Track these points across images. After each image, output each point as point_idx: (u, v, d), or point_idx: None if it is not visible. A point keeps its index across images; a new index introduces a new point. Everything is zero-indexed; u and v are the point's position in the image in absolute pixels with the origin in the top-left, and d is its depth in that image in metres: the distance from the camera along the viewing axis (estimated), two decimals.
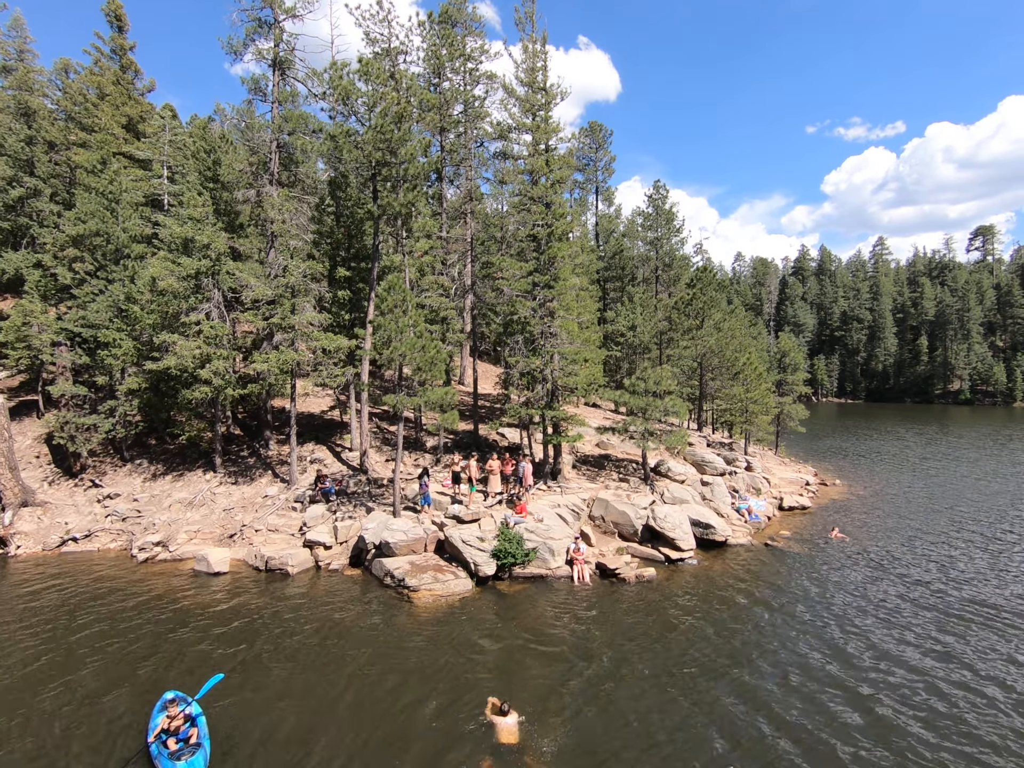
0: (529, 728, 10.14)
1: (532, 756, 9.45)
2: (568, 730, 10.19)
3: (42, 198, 28.16)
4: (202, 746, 9.20)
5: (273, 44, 24.28)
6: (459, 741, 9.85)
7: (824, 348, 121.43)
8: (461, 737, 9.96)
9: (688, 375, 34.58)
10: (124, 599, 15.88)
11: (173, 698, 10.15)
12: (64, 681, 11.73)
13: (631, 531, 19.93)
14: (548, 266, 21.61)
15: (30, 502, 21.37)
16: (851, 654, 12.83)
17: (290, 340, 21.34)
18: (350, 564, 18.37)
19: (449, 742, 9.83)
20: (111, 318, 22.30)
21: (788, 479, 29.81)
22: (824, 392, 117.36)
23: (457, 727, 10.24)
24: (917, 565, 18.45)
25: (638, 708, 10.88)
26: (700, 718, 10.55)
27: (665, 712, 10.72)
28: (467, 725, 10.27)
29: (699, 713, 10.69)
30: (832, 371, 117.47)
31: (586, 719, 10.54)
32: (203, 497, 21.81)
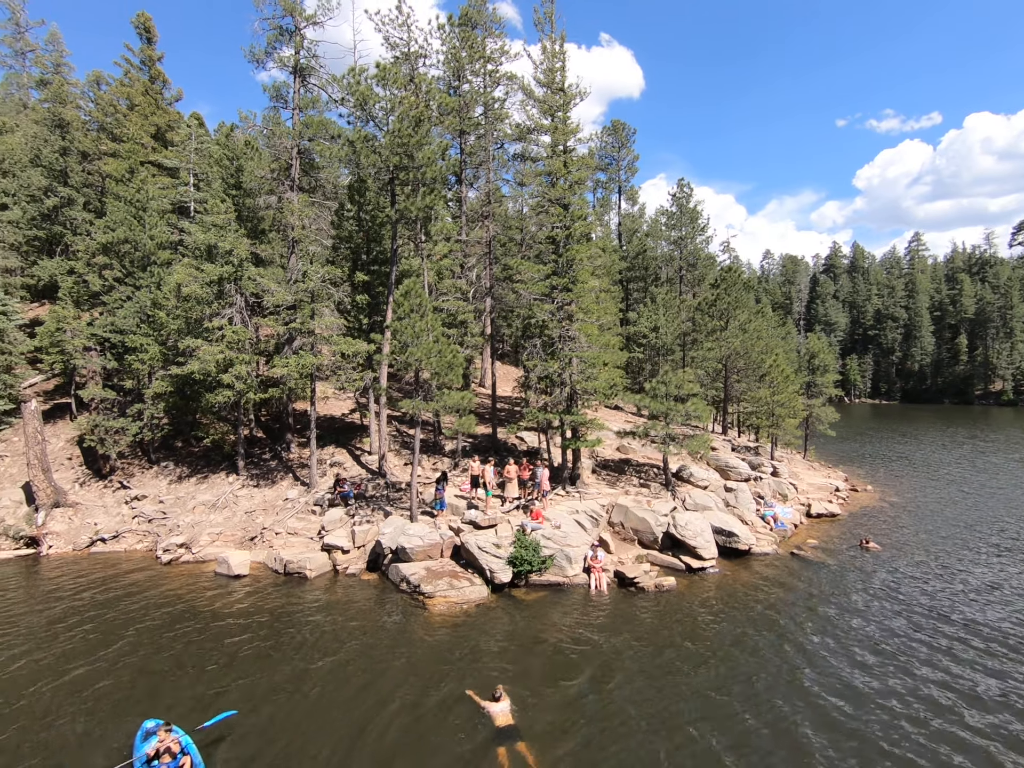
0: (522, 715, 10.68)
1: (527, 736, 10.21)
2: (567, 729, 10.00)
3: (75, 207, 29.01)
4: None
5: (294, 51, 24.56)
6: (462, 729, 10.43)
7: (857, 348, 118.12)
8: (464, 726, 10.51)
9: (712, 377, 33.90)
10: (146, 600, 16.17)
11: (155, 726, 9.68)
12: (73, 676, 11.97)
13: (651, 538, 19.55)
14: (566, 269, 21.36)
15: (62, 503, 21.98)
16: (877, 680, 12.23)
17: (309, 344, 21.51)
18: (367, 568, 18.40)
19: (451, 732, 10.33)
20: (138, 323, 22.82)
21: (817, 485, 28.95)
22: (857, 393, 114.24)
23: (459, 720, 10.65)
24: (953, 582, 17.49)
25: (638, 715, 10.65)
26: (709, 736, 10.20)
27: (672, 728, 10.39)
28: (469, 717, 10.72)
29: (708, 730, 10.35)
30: (865, 371, 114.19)
31: (587, 726, 10.35)
32: (226, 499, 22.14)
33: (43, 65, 39.00)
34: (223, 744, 10.00)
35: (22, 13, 43.12)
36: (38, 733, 10.35)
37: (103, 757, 9.72)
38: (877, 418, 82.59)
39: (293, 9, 24.16)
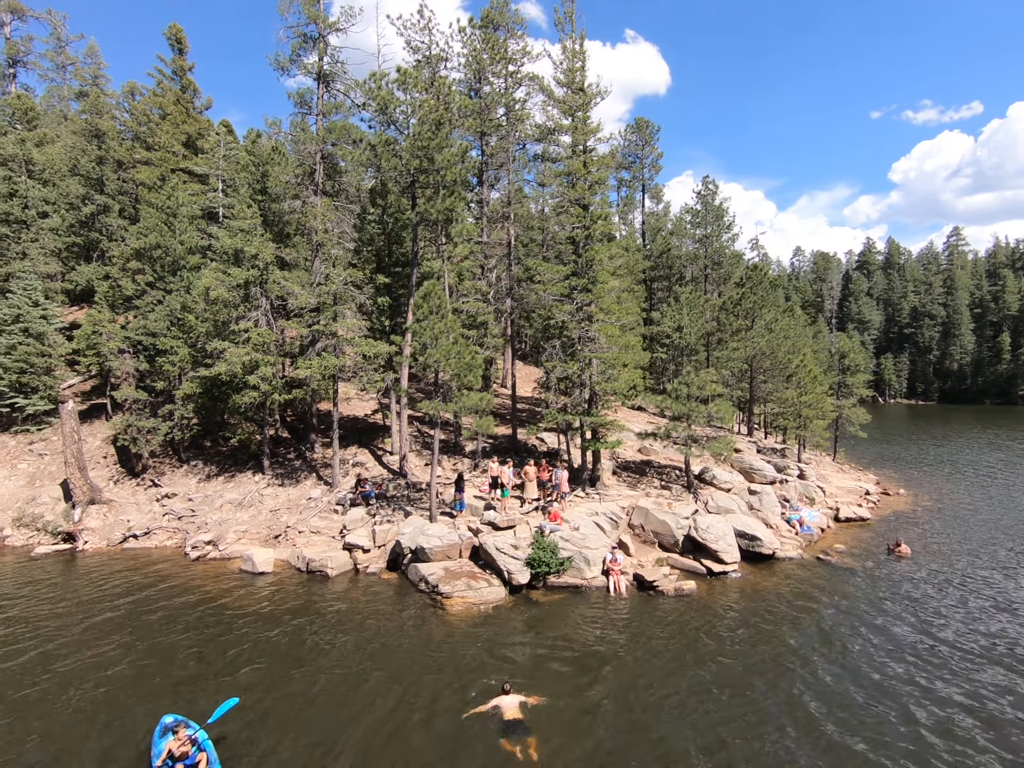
0: (533, 714, 10.87)
1: (536, 730, 10.44)
2: (578, 730, 9.97)
3: (111, 214, 30.04)
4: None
5: (318, 58, 25.00)
6: (475, 722, 10.75)
7: (892, 346, 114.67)
8: (476, 719, 10.82)
9: (738, 378, 33.34)
10: (172, 595, 16.66)
11: (174, 722, 9.84)
12: (96, 661, 12.42)
13: (671, 541, 19.34)
14: (586, 269, 21.26)
15: (97, 500, 22.78)
16: (899, 695, 11.84)
17: (332, 346, 21.86)
18: (387, 568, 18.60)
19: (465, 725, 10.68)
20: (168, 326, 23.51)
21: (846, 488, 28.23)
22: (892, 393, 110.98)
23: (479, 721, 10.82)
24: (987, 593, 16.79)
25: (651, 720, 10.58)
26: (728, 743, 10.05)
27: (679, 732, 10.26)
28: (478, 709, 11.02)
29: (726, 735, 10.19)
30: (901, 371, 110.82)
31: (599, 727, 10.32)
32: (251, 498, 22.66)
33: (82, 78, 40.48)
34: (232, 739, 10.22)
35: (63, 28, 44.91)
36: (61, 712, 10.78)
37: (118, 743, 10.11)
38: (913, 419, 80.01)
39: (317, 17, 24.60)
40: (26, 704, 11.31)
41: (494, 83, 33.61)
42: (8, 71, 43.99)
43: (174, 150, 29.59)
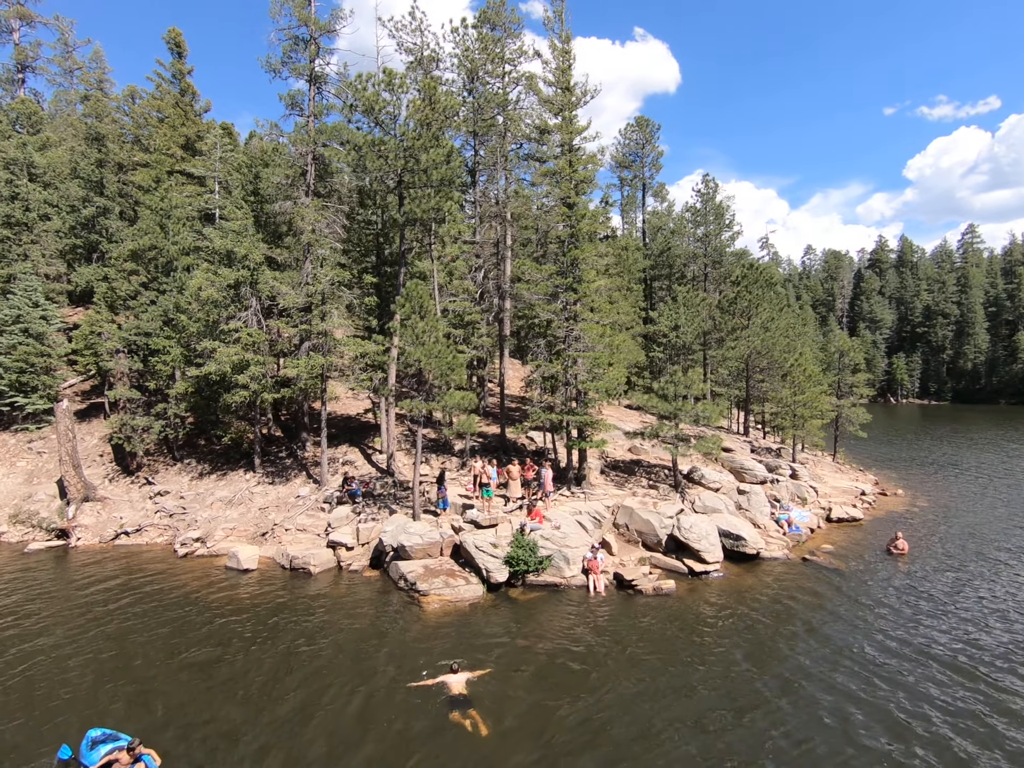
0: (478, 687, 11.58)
1: (477, 704, 11.11)
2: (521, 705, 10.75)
3: (111, 216, 30.51)
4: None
5: (309, 60, 25.20)
6: (423, 697, 11.43)
7: (904, 346, 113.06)
8: (424, 695, 11.50)
9: (735, 377, 33.09)
10: (155, 590, 16.91)
11: (101, 735, 9.57)
12: (63, 652, 12.71)
13: (655, 541, 19.26)
14: (571, 268, 21.23)
15: (91, 497, 23.15)
16: (857, 700, 11.71)
17: (319, 346, 22.04)
18: (370, 566, 18.73)
19: (414, 700, 11.36)
20: (161, 326, 23.84)
21: (841, 488, 27.90)
22: (904, 393, 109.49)
23: (421, 691, 11.62)
24: (972, 594, 16.55)
25: (606, 716, 10.58)
26: (678, 740, 10.01)
27: (637, 725, 10.23)
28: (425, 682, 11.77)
29: (680, 733, 10.15)
30: (913, 370, 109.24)
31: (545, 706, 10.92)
32: (241, 496, 22.91)
33: (88, 82, 41.14)
34: (185, 737, 10.37)
35: (70, 33, 45.77)
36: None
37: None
38: (925, 419, 78.74)
39: (308, 19, 24.80)
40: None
41: (490, 83, 33.70)
42: (17, 76, 44.97)
43: (171, 152, 30.01)
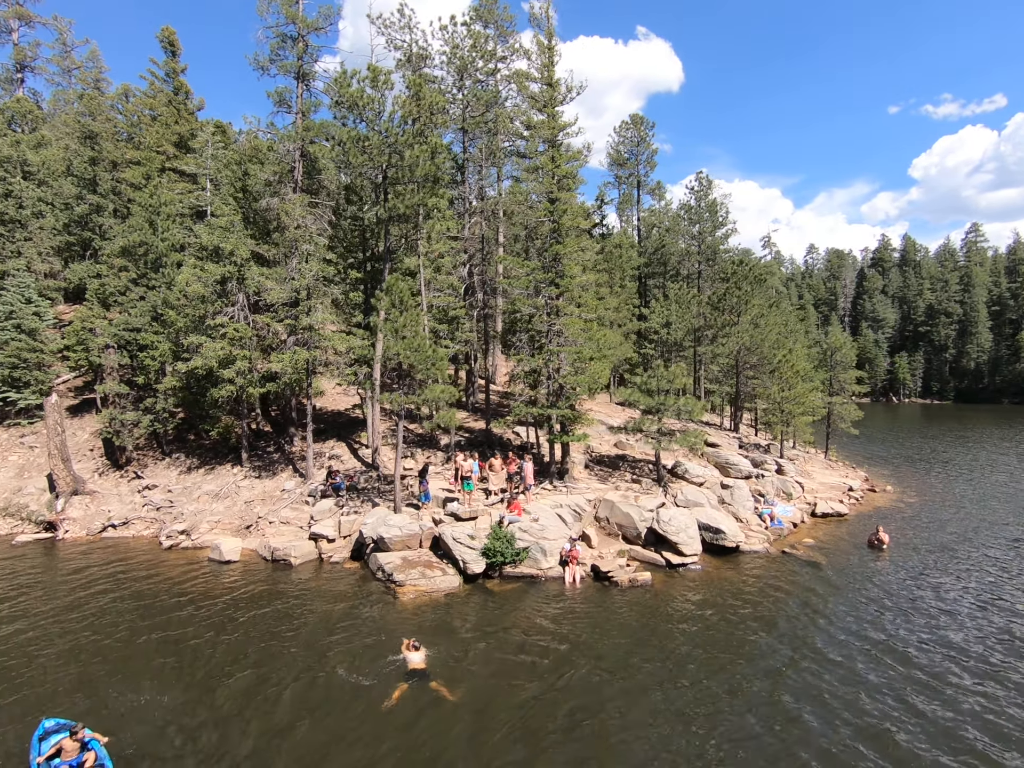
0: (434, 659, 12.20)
1: (435, 677, 11.67)
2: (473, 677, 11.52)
3: (104, 213, 30.79)
4: (104, 766, 8.97)
5: (296, 58, 25.39)
6: (383, 670, 12.04)
7: (907, 345, 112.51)
8: (384, 667, 12.12)
9: (725, 372, 33.12)
10: (136, 581, 17.11)
11: (55, 725, 9.57)
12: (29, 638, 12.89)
13: (635, 534, 19.33)
14: (553, 263, 21.33)
15: (80, 491, 23.39)
16: (814, 688, 11.59)
17: (304, 340, 22.21)
18: (351, 557, 18.88)
19: (374, 672, 11.95)
20: (150, 322, 24.06)
21: (829, 484, 27.87)
22: (907, 392, 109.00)
23: (381, 667, 12.19)
24: (946, 590, 16.38)
25: (555, 696, 10.75)
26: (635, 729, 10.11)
27: (590, 703, 10.33)
28: (388, 664, 12.18)
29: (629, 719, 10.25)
30: (916, 370, 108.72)
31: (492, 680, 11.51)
32: (228, 490, 23.11)
33: (85, 81, 41.50)
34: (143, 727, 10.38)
35: (69, 33, 46.18)
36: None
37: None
38: (927, 419, 78.36)
39: (295, 17, 24.98)
40: None
41: (483, 80, 33.81)
42: (16, 76, 45.41)
43: (163, 150, 30.27)
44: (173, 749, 9.74)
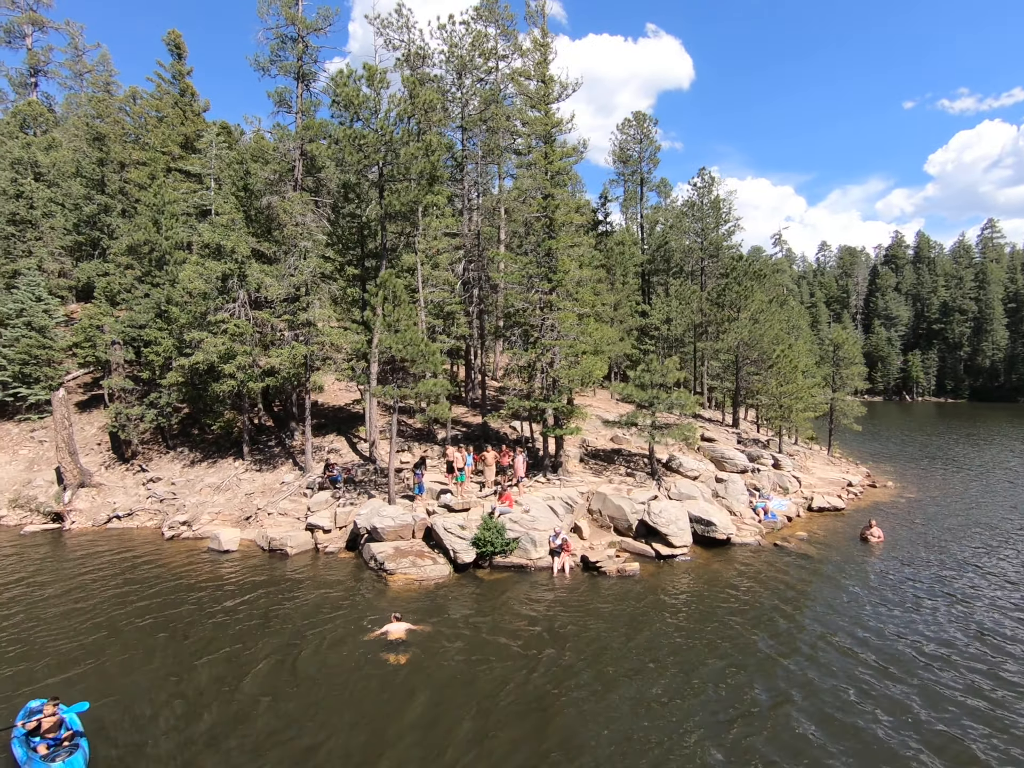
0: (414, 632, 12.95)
1: (412, 643, 12.62)
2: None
3: (112, 213, 31.48)
4: (80, 746, 8.84)
5: (296, 58, 25.84)
6: (365, 641, 12.83)
7: (920, 343, 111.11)
8: (366, 640, 12.87)
9: (726, 369, 33.09)
10: (136, 569, 17.59)
11: (40, 706, 9.58)
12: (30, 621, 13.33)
13: (626, 526, 19.50)
14: (546, 258, 21.52)
15: (87, 483, 24.00)
16: (785, 677, 11.71)
17: (302, 336, 22.61)
18: (346, 548, 19.23)
19: (358, 645, 12.67)
20: (154, 318, 24.61)
21: (828, 479, 27.81)
22: (920, 391, 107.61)
23: (365, 641, 12.87)
24: (936, 583, 16.35)
25: (524, 676, 11.01)
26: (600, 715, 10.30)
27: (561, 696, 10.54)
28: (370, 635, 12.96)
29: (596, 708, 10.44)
30: (929, 368, 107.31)
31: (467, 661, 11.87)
32: (229, 482, 23.58)
33: (96, 84, 42.39)
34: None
35: (80, 38, 47.21)
36: None
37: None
38: (940, 417, 77.31)
39: (295, 18, 25.46)
40: None
41: (484, 79, 34.04)
42: (30, 80, 46.52)
43: (169, 151, 30.91)
44: (153, 710, 10.44)
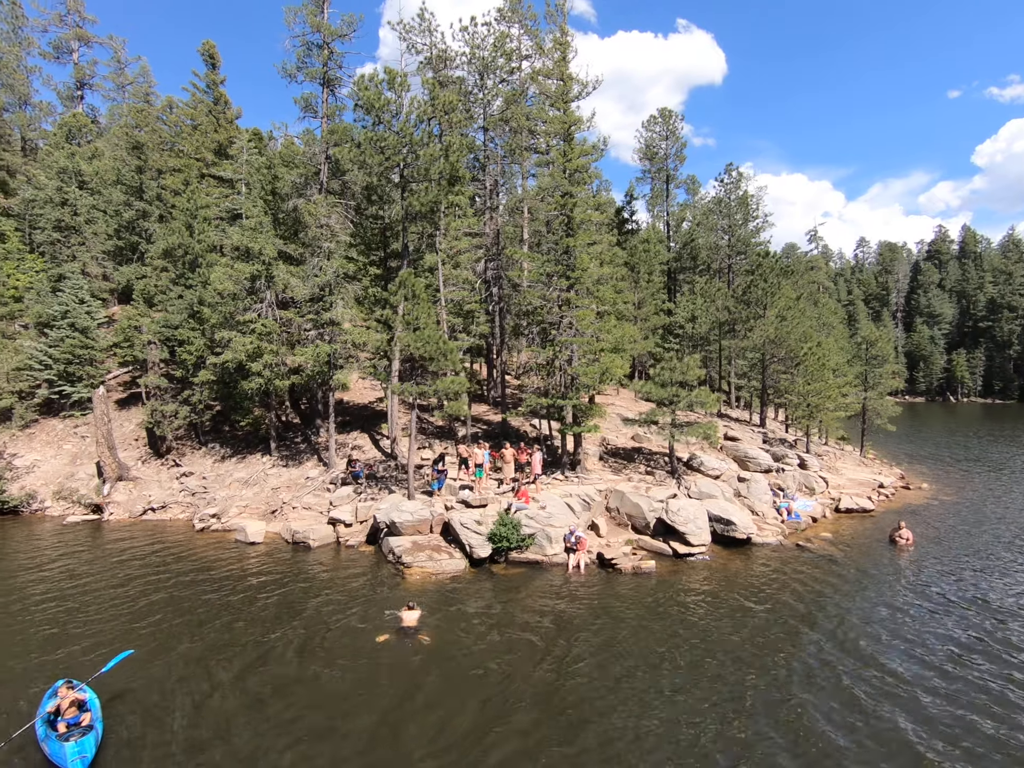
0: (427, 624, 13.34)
1: (424, 629, 13.06)
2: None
3: (150, 219, 32.81)
4: (94, 728, 9.15)
5: (322, 64, 26.49)
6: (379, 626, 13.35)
7: (965, 341, 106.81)
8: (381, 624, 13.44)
9: (753, 368, 32.52)
10: (168, 558, 18.34)
11: (68, 683, 9.94)
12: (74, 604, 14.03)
13: (643, 524, 19.40)
14: (564, 255, 21.57)
15: (125, 477, 25.09)
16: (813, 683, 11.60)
17: (326, 334, 23.17)
18: (366, 541, 19.64)
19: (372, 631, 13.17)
20: (187, 319, 25.57)
21: (858, 480, 27.06)
22: (965, 391, 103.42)
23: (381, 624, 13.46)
24: (968, 590, 15.57)
25: (538, 677, 11.00)
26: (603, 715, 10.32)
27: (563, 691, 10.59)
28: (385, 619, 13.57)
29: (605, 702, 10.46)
30: (975, 367, 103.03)
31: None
32: (257, 477, 24.33)
33: (137, 95, 44.20)
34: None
35: (123, 51, 49.33)
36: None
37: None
38: (986, 419, 74.19)
39: (320, 26, 26.11)
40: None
41: (507, 80, 34.26)
42: (76, 93, 48.82)
43: (202, 157, 32.09)
44: (171, 683, 11.02)
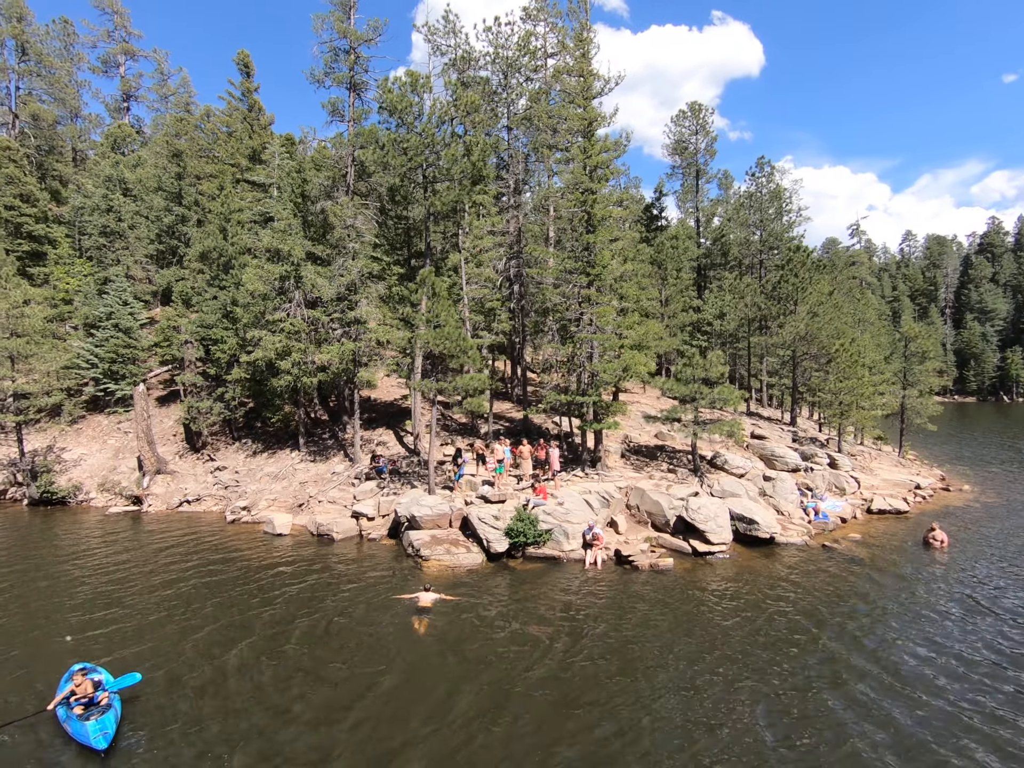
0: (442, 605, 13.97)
1: (436, 611, 13.74)
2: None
3: (188, 223, 34.13)
4: (112, 707, 9.43)
5: (348, 69, 27.10)
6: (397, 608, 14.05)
7: (1021, 338, 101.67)
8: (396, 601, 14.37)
9: (782, 363, 31.76)
10: (201, 548, 19.16)
11: (82, 668, 10.21)
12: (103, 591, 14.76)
13: (663, 521, 19.21)
14: (585, 252, 21.53)
15: (163, 470, 26.20)
16: (810, 677, 11.22)
17: (351, 333, 23.71)
18: (388, 535, 20.05)
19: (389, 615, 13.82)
20: (220, 319, 26.52)
21: (893, 481, 26.14)
22: (1020, 391, 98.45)
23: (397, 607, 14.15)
24: (1007, 598, 14.72)
25: (543, 673, 11.02)
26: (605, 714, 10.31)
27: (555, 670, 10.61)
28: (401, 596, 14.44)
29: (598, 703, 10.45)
30: None
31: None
32: (286, 471, 25.07)
33: (178, 106, 46.01)
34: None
35: (166, 63, 51.36)
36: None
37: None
38: None
39: (347, 32, 26.70)
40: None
41: (533, 78, 34.30)
42: (123, 105, 51.13)
43: (236, 163, 33.24)
44: (190, 663, 11.54)
